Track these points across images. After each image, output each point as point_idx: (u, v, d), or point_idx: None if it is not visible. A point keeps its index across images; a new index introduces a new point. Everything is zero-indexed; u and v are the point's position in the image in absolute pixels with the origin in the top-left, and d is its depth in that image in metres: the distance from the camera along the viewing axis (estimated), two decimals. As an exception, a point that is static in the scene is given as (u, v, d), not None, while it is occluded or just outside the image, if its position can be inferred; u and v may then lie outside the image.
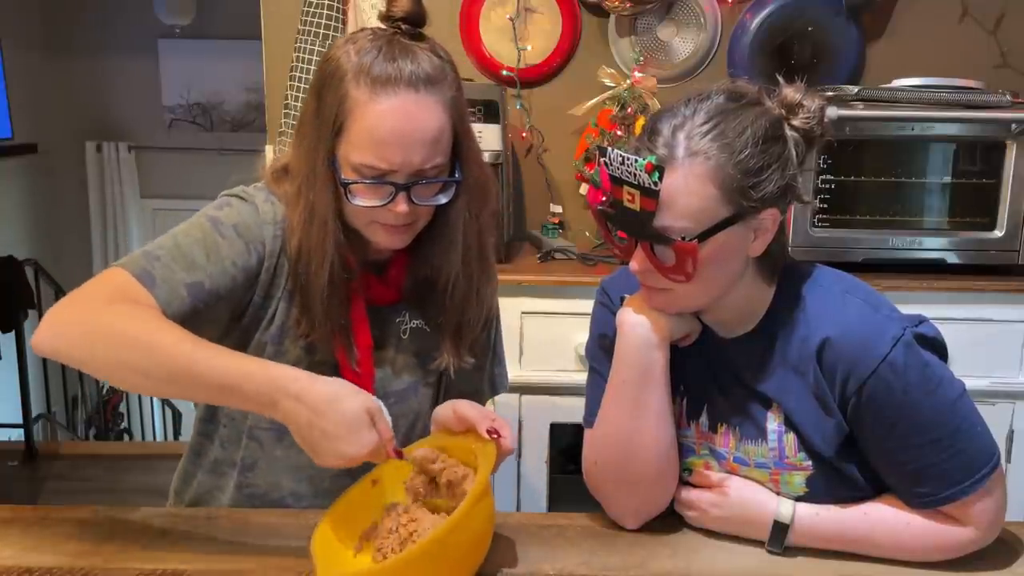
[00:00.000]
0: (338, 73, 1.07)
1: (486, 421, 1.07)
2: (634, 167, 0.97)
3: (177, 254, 1.07)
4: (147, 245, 1.10)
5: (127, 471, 3.68)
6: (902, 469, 1.04)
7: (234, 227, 1.12)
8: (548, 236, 2.36)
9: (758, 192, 0.99)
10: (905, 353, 1.00)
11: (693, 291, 1.04)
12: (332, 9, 2.23)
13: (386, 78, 1.05)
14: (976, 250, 2.06)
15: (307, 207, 1.11)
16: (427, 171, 1.08)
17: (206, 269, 1.08)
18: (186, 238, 1.10)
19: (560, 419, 2.06)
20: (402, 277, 1.22)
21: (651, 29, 2.39)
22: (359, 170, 1.07)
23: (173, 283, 1.05)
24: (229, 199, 1.17)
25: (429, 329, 1.25)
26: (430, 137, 1.07)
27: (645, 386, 1.09)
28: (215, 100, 5.25)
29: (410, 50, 1.08)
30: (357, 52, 1.07)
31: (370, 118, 1.05)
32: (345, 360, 1.17)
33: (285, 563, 1.05)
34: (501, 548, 1.09)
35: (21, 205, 4.91)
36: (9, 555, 1.06)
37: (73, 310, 1.02)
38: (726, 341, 1.12)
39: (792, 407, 1.07)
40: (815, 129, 1.04)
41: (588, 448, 1.16)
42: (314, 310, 1.13)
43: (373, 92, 1.05)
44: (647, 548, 1.11)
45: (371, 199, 1.09)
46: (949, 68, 2.18)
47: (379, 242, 1.14)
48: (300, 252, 1.12)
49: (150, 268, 1.05)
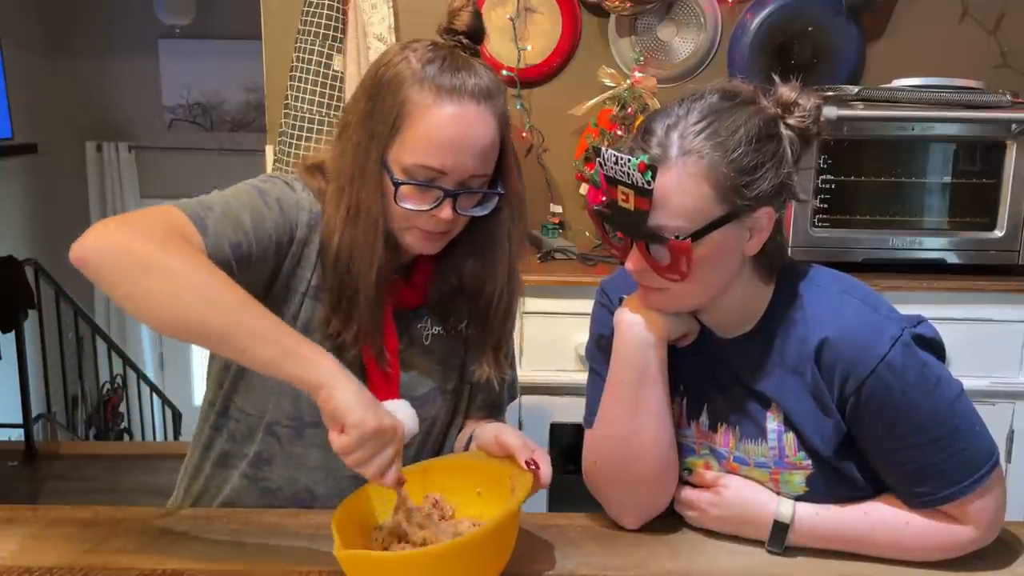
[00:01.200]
0: (398, 78, 1.09)
1: (526, 451, 1.08)
2: (628, 167, 0.97)
3: (227, 210, 1.07)
4: (200, 197, 1.09)
5: (127, 471, 3.68)
6: (901, 469, 1.04)
7: (278, 200, 1.13)
8: (548, 236, 2.36)
9: (752, 190, 0.99)
10: (903, 353, 1.00)
11: (689, 290, 1.04)
12: (332, 9, 2.23)
13: (451, 87, 1.07)
14: (976, 250, 2.06)
15: (354, 206, 1.12)
16: (474, 181, 1.11)
17: (249, 233, 1.08)
18: (235, 200, 1.10)
19: (560, 419, 2.06)
20: (428, 282, 1.23)
21: (651, 29, 2.40)
22: (411, 171, 1.08)
23: (220, 236, 1.05)
24: (272, 177, 1.18)
25: (448, 336, 1.26)
26: (484, 146, 1.10)
27: (643, 386, 1.09)
28: (215, 100, 5.25)
29: (471, 64, 1.11)
30: (419, 60, 1.09)
31: (432, 121, 1.07)
32: (373, 362, 1.17)
33: (285, 563, 1.05)
34: (501, 548, 1.08)
35: (21, 205, 4.91)
36: (9, 555, 1.06)
37: (125, 227, 0.98)
38: (725, 341, 1.12)
39: (791, 407, 1.07)
40: (811, 128, 1.03)
41: (588, 448, 1.16)
42: (354, 310, 1.13)
43: (437, 97, 1.07)
44: (647, 548, 1.11)
45: (419, 203, 1.10)
46: (949, 68, 2.18)
47: (412, 246, 1.15)
48: (341, 250, 1.12)
49: (205, 216, 1.05)
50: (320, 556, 1.05)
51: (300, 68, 2.23)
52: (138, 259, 0.95)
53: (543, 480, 1.06)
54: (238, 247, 1.06)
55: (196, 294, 0.94)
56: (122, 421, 5.34)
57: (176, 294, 0.94)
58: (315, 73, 2.23)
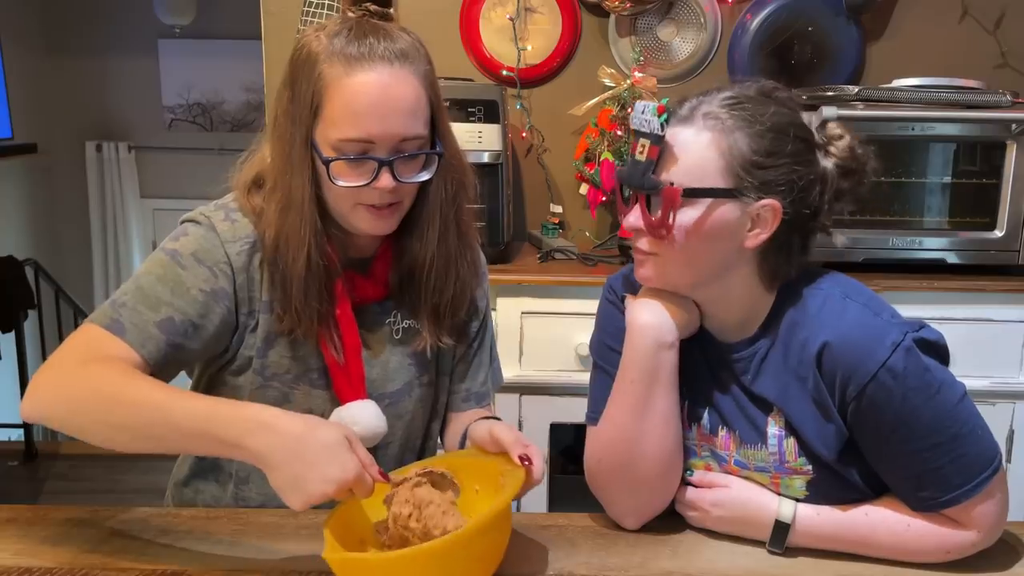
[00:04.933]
0: (311, 58, 1.08)
1: (519, 447, 1.07)
2: (648, 112, 1.01)
3: (140, 296, 1.08)
4: (113, 294, 1.11)
5: (127, 471, 3.68)
6: (903, 473, 1.04)
7: (193, 255, 1.12)
8: (548, 236, 2.36)
9: (759, 175, 1.00)
10: (905, 358, 0.99)
11: (678, 262, 1.04)
12: (332, 9, 2.23)
13: (359, 55, 1.06)
14: (976, 250, 2.06)
15: (284, 196, 1.11)
16: (408, 144, 1.08)
17: (173, 303, 1.08)
18: (148, 277, 1.10)
19: (560, 419, 2.06)
20: (386, 271, 1.21)
21: (651, 29, 2.40)
22: (339, 147, 1.07)
23: (142, 325, 1.06)
24: (186, 227, 1.16)
25: (422, 327, 1.24)
26: (408, 107, 1.07)
27: (653, 388, 1.09)
28: (215, 100, 5.25)
29: (380, 28, 1.09)
30: (328, 36, 1.08)
31: (347, 92, 1.05)
32: (333, 360, 1.16)
33: (285, 563, 1.05)
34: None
35: (21, 205, 4.91)
36: (9, 555, 1.06)
37: (50, 375, 1.04)
38: (727, 345, 1.11)
39: (792, 412, 1.07)
40: (850, 164, 1.07)
41: (592, 447, 1.16)
42: (294, 300, 1.12)
43: (348, 67, 1.05)
44: (647, 548, 1.11)
45: (355, 178, 1.08)
46: (949, 68, 2.18)
47: (365, 228, 1.13)
48: (278, 242, 1.12)
49: (117, 316, 1.07)
50: (320, 557, 1.04)
51: (300, 68, 2.23)
52: (61, 410, 1.03)
53: (536, 476, 1.05)
54: (167, 322, 1.07)
55: (110, 422, 1.00)
56: (122, 421, 5.33)
57: (98, 427, 1.01)
58: (315, 73, 2.23)
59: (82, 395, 1.01)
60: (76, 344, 1.06)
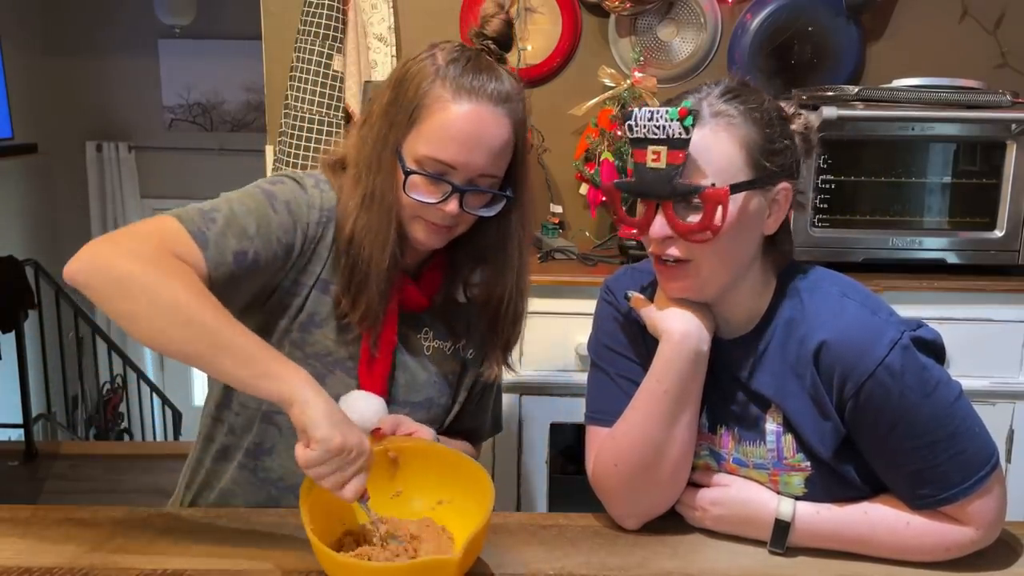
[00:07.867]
0: (422, 73, 1.13)
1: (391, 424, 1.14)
2: (664, 118, 0.98)
3: (232, 220, 1.09)
4: (202, 204, 1.11)
5: (127, 471, 3.68)
6: (901, 471, 1.04)
7: (286, 203, 1.15)
8: (548, 236, 2.36)
9: (775, 160, 1.01)
10: (902, 356, 1.00)
11: (715, 264, 1.03)
12: (332, 9, 2.23)
13: (470, 87, 1.11)
14: (976, 250, 2.05)
15: (368, 192, 1.15)
16: (483, 180, 1.14)
17: (254, 240, 1.10)
18: (241, 206, 1.12)
19: (560, 419, 2.06)
20: (435, 286, 1.25)
21: (651, 29, 2.39)
22: (422, 163, 1.12)
23: (223, 248, 1.07)
24: (283, 178, 1.20)
25: (447, 353, 1.28)
26: (496, 147, 1.12)
27: (686, 397, 1.08)
28: (215, 100, 5.26)
29: (495, 68, 1.15)
30: (444, 59, 1.13)
31: (447, 115, 1.10)
32: (367, 351, 1.19)
33: (285, 563, 1.05)
34: (501, 548, 1.09)
35: (21, 205, 4.91)
36: (9, 555, 1.06)
37: (118, 252, 1.02)
38: (725, 342, 1.11)
39: (790, 409, 1.07)
40: (809, 136, 1.08)
41: (606, 450, 1.14)
42: (363, 292, 1.15)
43: (456, 94, 1.11)
44: (647, 548, 1.11)
45: (427, 195, 1.13)
46: (949, 68, 2.18)
47: (418, 238, 1.17)
48: (355, 235, 1.15)
49: (205, 229, 1.07)
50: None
51: (300, 68, 2.23)
52: (121, 281, 0.99)
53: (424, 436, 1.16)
54: (243, 256, 1.08)
55: (172, 317, 0.98)
56: (122, 421, 5.34)
57: (153, 317, 0.98)
58: (315, 73, 2.23)
59: (140, 283, 0.98)
60: (153, 232, 1.05)
